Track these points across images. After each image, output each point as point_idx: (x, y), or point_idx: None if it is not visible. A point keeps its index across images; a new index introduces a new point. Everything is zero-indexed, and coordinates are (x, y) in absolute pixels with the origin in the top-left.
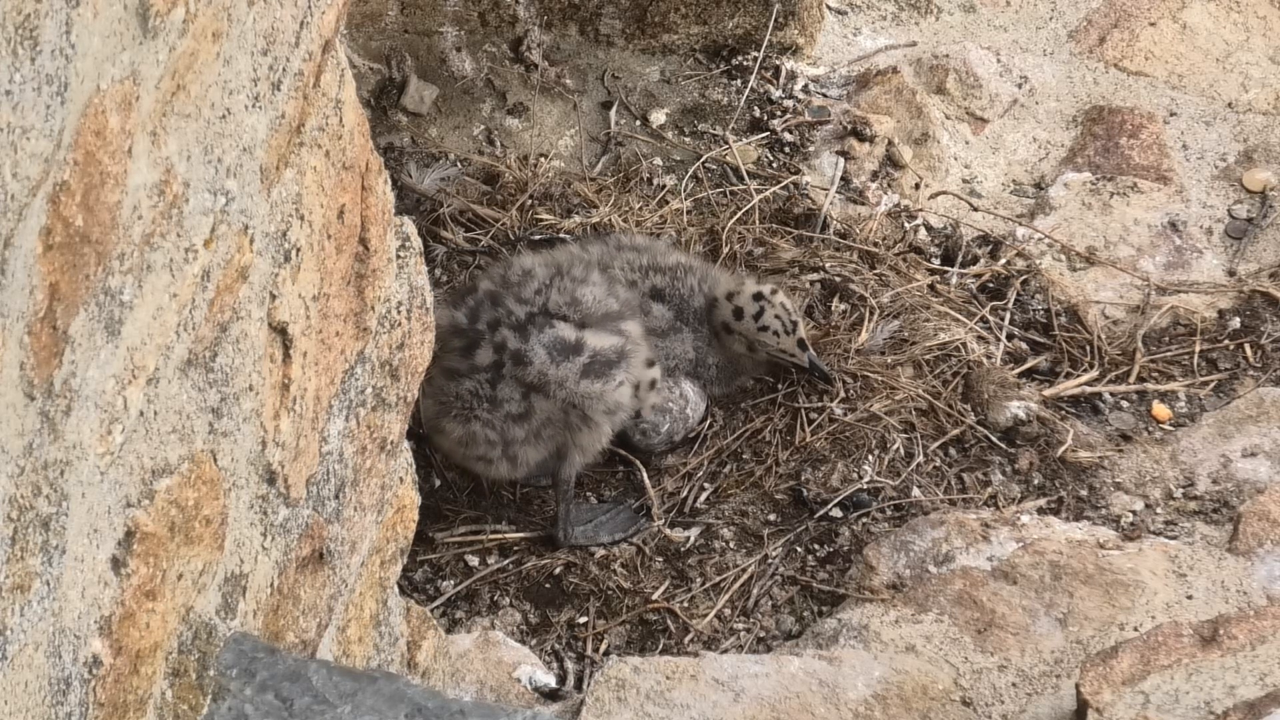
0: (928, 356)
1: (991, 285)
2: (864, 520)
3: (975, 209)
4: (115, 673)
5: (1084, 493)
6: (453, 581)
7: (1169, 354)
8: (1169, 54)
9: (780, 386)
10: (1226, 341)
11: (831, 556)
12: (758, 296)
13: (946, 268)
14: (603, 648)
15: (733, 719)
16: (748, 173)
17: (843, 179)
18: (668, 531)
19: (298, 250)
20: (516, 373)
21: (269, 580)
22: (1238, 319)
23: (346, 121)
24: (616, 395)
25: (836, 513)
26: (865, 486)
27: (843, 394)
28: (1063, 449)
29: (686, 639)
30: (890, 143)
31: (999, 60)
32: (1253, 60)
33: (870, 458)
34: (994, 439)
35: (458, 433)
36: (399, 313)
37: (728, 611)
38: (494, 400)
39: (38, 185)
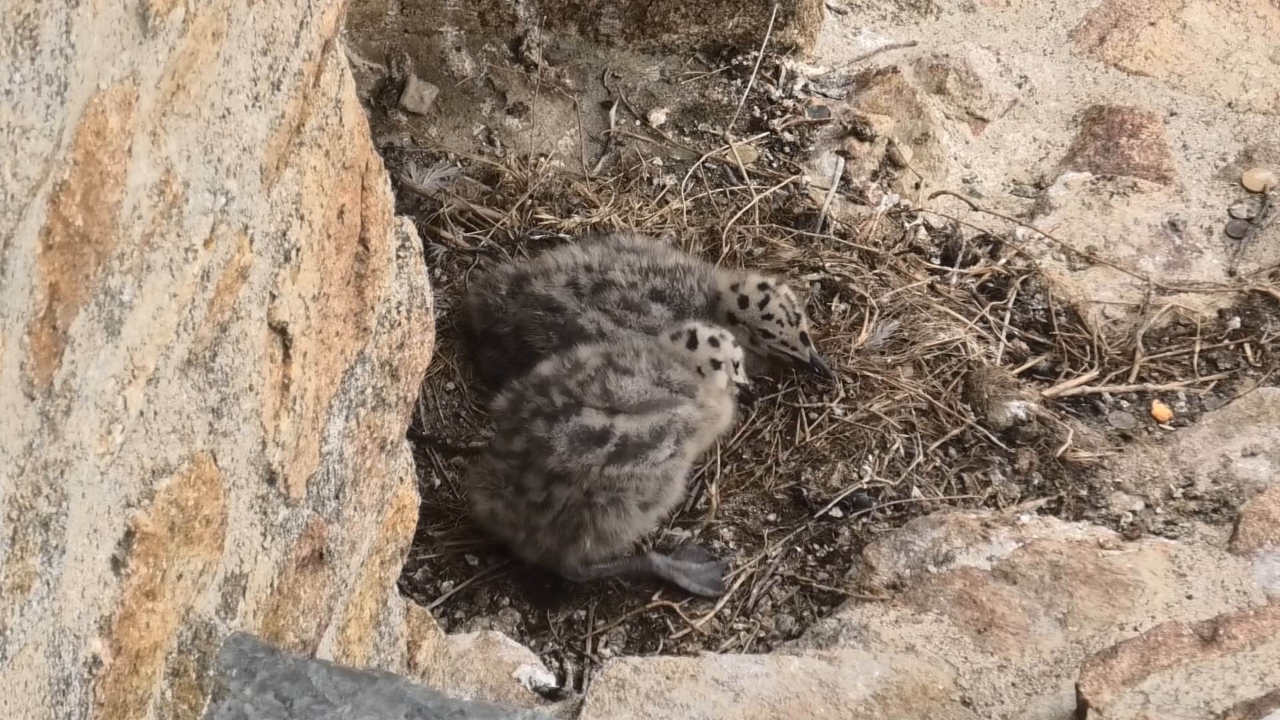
0: (928, 356)
1: (991, 285)
2: (864, 520)
3: (975, 209)
4: (115, 673)
5: (1084, 493)
6: (453, 581)
7: (1169, 354)
8: (1169, 54)
9: (780, 386)
10: (1226, 341)
11: (831, 556)
12: (763, 286)
13: (946, 268)
14: (602, 648)
15: (733, 719)
16: (748, 173)
17: (843, 179)
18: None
19: (297, 250)
20: (540, 462)
21: (269, 580)
22: (1238, 319)
23: (346, 121)
24: (654, 471)
25: (836, 513)
26: (865, 486)
27: (843, 394)
28: (1063, 449)
29: (686, 639)
30: (890, 143)
31: (999, 60)
32: (1253, 60)
33: (870, 458)
34: (994, 439)
35: (483, 506)
36: (399, 313)
37: (728, 611)
38: (520, 486)
39: (38, 185)
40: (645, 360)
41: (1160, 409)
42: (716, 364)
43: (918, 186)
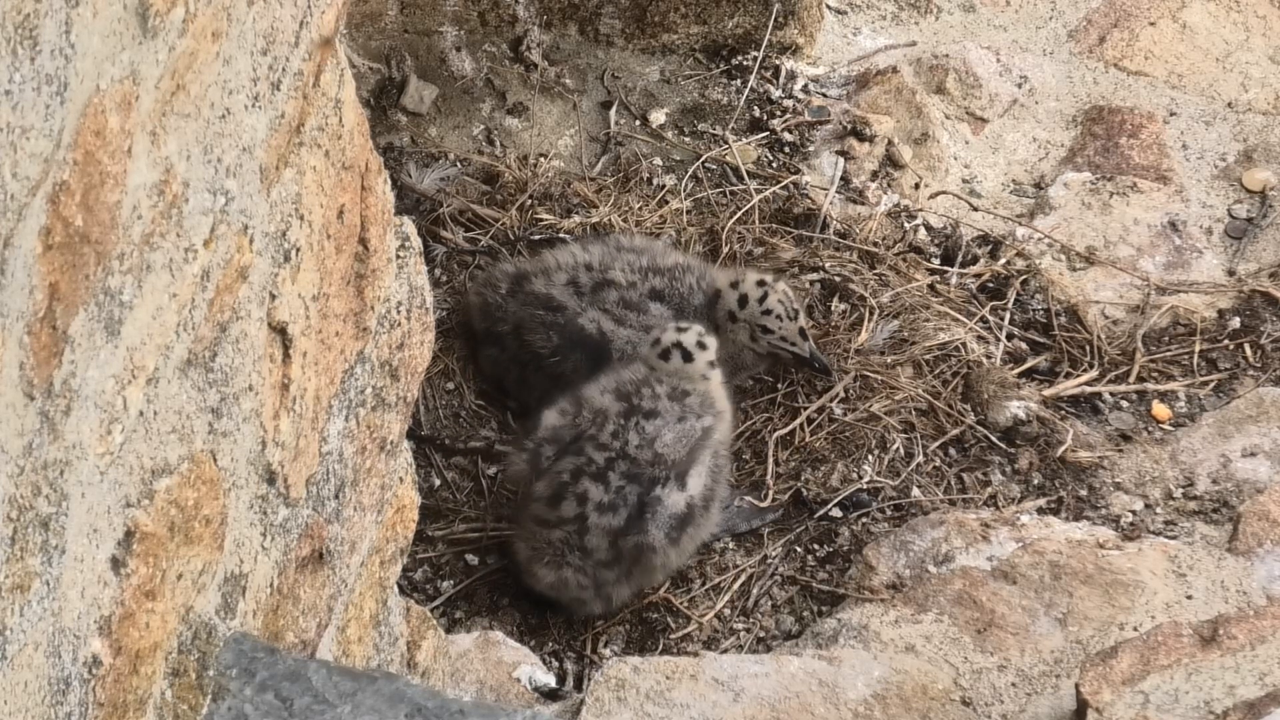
0: (928, 356)
1: (991, 285)
2: (864, 520)
3: (975, 209)
4: (115, 673)
5: (1084, 493)
6: (453, 581)
7: (1169, 354)
8: (1169, 54)
9: (780, 386)
10: (1226, 341)
11: (831, 556)
12: (761, 283)
13: (946, 268)
14: (602, 647)
15: (733, 719)
16: (747, 173)
17: (842, 179)
18: None
19: (297, 250)
20: (645, 559)
21: (269, 580)
22: (1238, 319)
23: (346, 121)
24: (716, 512)
25: (836, 513)
26: (865, 486)
27: (842, 394)
28: (1063, 449)
29: (686, 638)
30: (890, 143)
31: (999, 60)
32: (1253, 60)
33: (870, 458)
34: (994, 439)
35: (550, 578)
36: (399, 313)
37: (728, 611)
38: (584, 549)
39: (37, 185)
40: (665, 397)
41: (1160, 409)
42: (712, 364)
43: (917, 186)
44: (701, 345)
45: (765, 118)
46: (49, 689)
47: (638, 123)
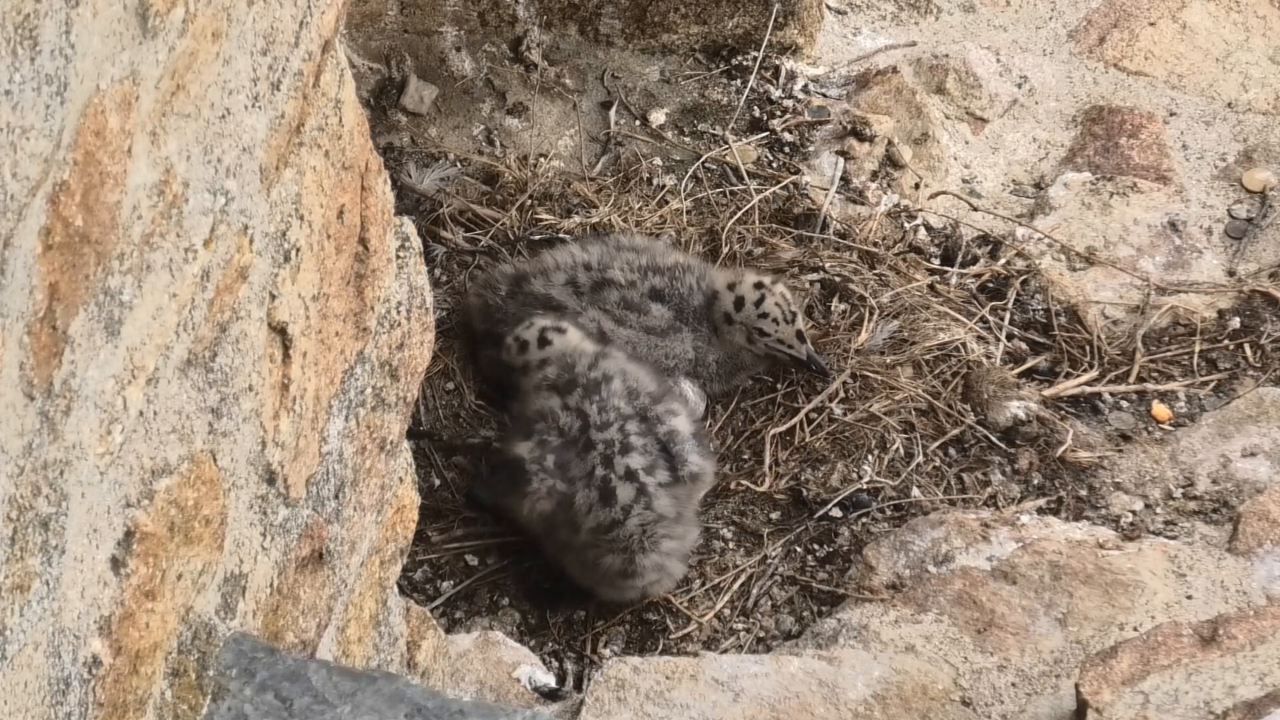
0: (927, 356)
1: (991, 285)
2: (864, 520)
3: (975, 209)
4: (115, 673)
5: (1084, 493)
6: (452, 581)
7: (1169, 354)
8: (1169, 54)
9: (780, 386)
10: (1226, 341)
11: (831, 556)
12: (758, 285)
13: (946, 268)
14: (602, 648)
15: (732, 719)
16: (747, 173)
17: (842, 179)
18: None
19: (297, 250)
20: (657, 479)
21: (268, 580)
22: (1237, 319)
23: (346, 121)
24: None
25: (836, 513)
26: (865, 486)
27: (842, 394)
28: (1062, 449)
29: (686, 639)
30: (890, 143)
31: (999, 60)
32: (1253, 60)
33: (870, 458)
34: (994, 439)
35: (650, 569)
36: (399, 313)
37: (727, 611)
38: (661, 517)
39: (37, 185)
40: (592, 362)
41: (1160, 409)
42: (562, 331)
43: (917, 186)
44: (561, 329)
45: (765, 118)
46: (49, 689)
47: (638, 123)
